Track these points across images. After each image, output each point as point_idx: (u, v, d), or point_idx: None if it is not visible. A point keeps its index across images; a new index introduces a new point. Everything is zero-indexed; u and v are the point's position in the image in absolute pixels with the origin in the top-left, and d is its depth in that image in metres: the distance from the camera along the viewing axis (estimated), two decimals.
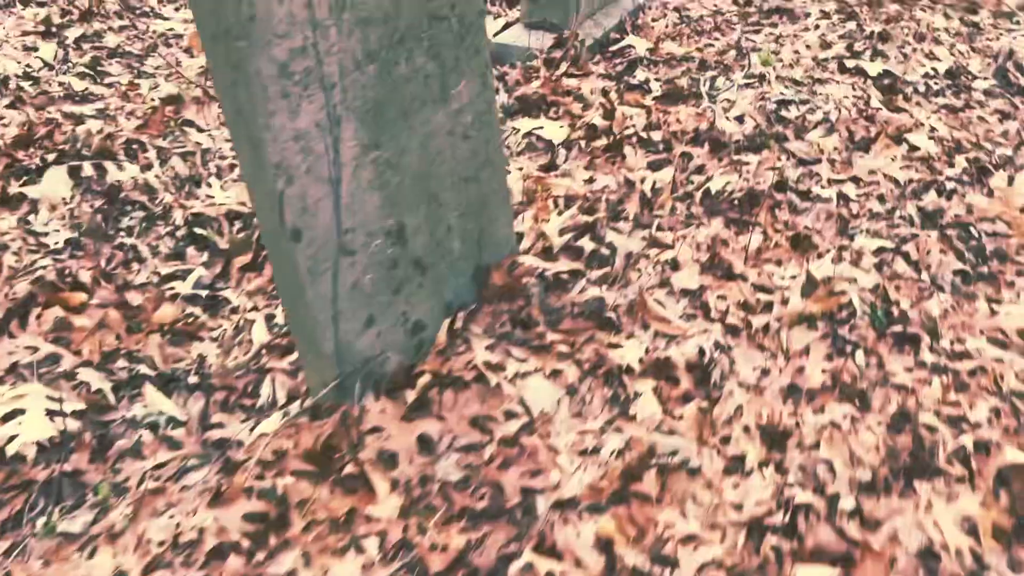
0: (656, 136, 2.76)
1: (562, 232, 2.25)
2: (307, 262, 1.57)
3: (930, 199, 2.49)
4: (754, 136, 2.74)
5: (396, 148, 1.71)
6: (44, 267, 2.13)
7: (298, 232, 1.53)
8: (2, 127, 2.72)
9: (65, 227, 2.32)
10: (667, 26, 3.68)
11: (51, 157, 2.56)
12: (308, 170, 1.52)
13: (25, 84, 3.11)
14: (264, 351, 1.91)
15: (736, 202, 2.44)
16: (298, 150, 1.48)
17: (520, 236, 2.26)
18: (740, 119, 2.84)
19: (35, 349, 1.88)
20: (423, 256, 1.86)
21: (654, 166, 2.63)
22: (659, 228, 2.34)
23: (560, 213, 2.35)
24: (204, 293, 2.11)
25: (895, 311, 2.06)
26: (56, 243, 2.25)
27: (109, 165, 2.57)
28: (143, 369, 1.87)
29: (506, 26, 3.61)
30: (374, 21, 1.58)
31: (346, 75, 1.55)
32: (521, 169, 2.66)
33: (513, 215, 2.32)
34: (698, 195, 2.45)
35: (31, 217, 2.35)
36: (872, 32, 3.56)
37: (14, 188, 2.44)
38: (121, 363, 1.89)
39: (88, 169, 2.55)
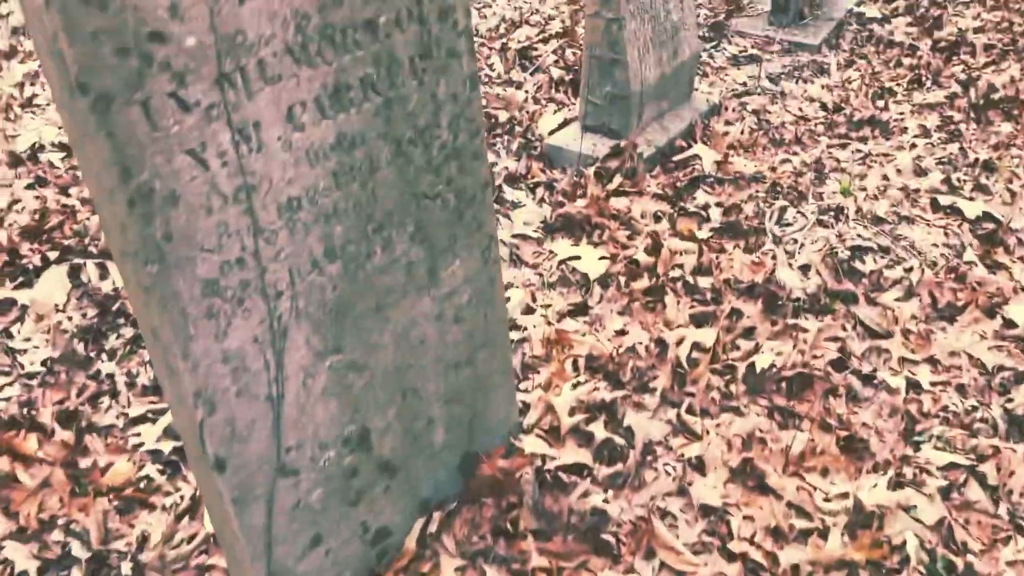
0: (705, 282, 2.45)
1: (574, 411, 1.97)
2: (233, 492, 1.34)
3: (1022, 398, 2.11)
4: (818, 294, 2.40)
5: (363, 348, 1.47)
6: (8, 399, 1.97)
7: (222, 462, 1.30)
8: (15, 213, 2.61)
9: (47, 344, 2.17)
10: (742, 133, 3.36)
11: (54, 255, 2.43)
12: (239, 392, 1.29)
13: (57, 157, 3.01)
14: (212, 542, 1.69)
15: (785, 384, 2.11)
16: (226, 372, 1.26)
17: (526, 407, 1.99)
18: (805, 270, 2.51)
19: None
20: (393, 458, 1.61)
21: (697, 320, 2.33)
22: (689, 410, 2.03)
23: (578, 379, 2.07)
24: (170, 447, 1.92)
25: (959, 562, 1.70)
26: (32, 363, 2.10)
27: (112, 267, 2.42)
28: (75, 547, 1.68)
29: (565, 123, 3.36)
30: (341, 214, 1.35)
31: (299, 280, 1.32)
32: (549, 307, 2.40)
33: (516, 387, 2.06)
34: (741, 368, 2.13)
35: (15, 328, 2.21)
36: (976, 159, 3.16)
37: (6, 291, 2.31)
38: (56, 535, 1.70)
39: (91, 269, 2.41)
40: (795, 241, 2.65)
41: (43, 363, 2.10)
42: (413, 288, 1.53)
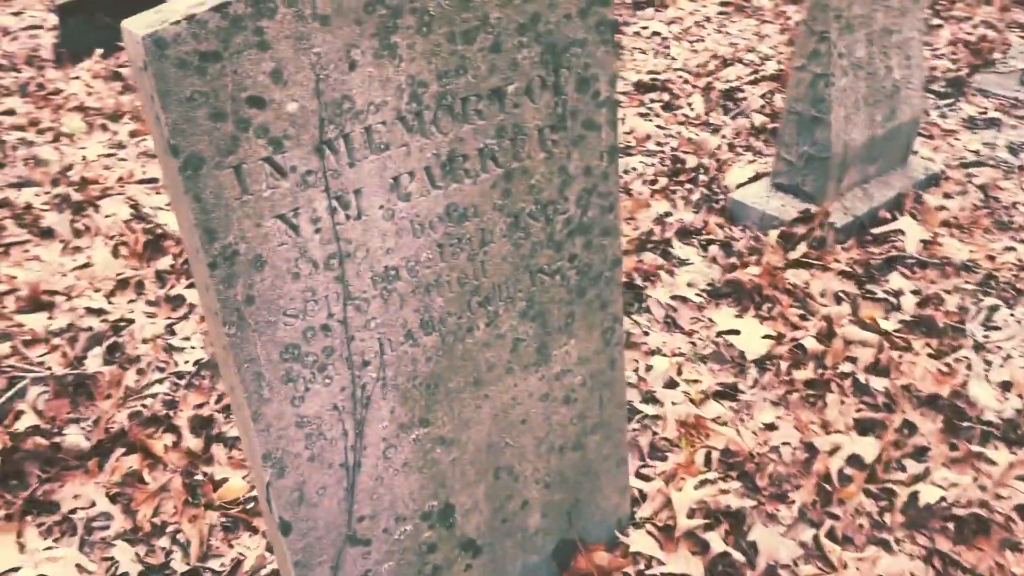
0: (879, 383, 2.16)
1: (694, 512, 1.79)
2: (297, 555, 1.31)
3: None
4: (1017, 421, 2.04)
5: (455, 423, 1.39)
6: (154, 396, 2.09)
7: (287, 525, 1.27)
8: None
9: (202, 345, 2.29)
10: (961, 210, 2.96)
11: None
12: (312, 458, 1.25)
13: None
14: None
15: (953, 524, 1.80)
16: (300, 437, 1.23)
17: (642, 496, 1.83)
18: (1005, 387, 2.14)
19: (92, 504, 1.82)
20: (477, 537, 1.52)
21: (861, 427, 2.05)
22: (830, 534, 1.79)
23: (706, 475, 1.88)
24: None
25: None
26: (185, 363, 2.22)
27: None
28: (176, 558, 1.73)
29: (755, 178, 3.12)
30: (443, 286, 1.28)
31: (390, 350, 1.26)
32: (695, 383, 2.21)
33: (635, 472, 1.90)
34: (903, 496, 1.85)
35: (179, 326, 2.35)
36: None
37: (181, 287, 2.46)
38: (163, 542, 1.77)
39: None
40: (1000, 350, 2.28)
41: (195, 364, 2.22)
42: (519, 365, 1.43)
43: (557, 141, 1.30)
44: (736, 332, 2.38)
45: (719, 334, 2.40)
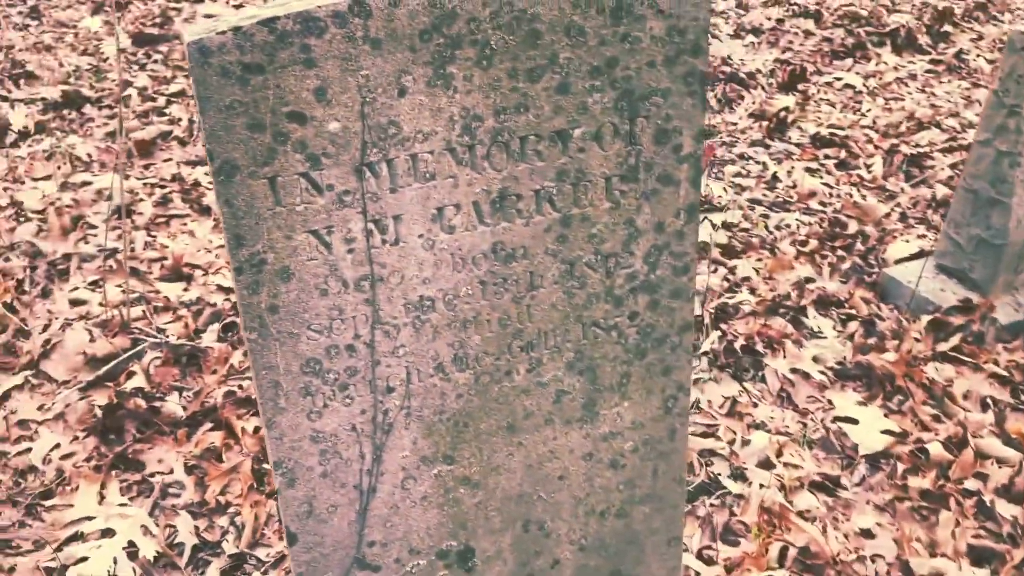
0: (1009, 510, 1.88)
1: None
2: (301, 567, 1.31)
3: None
4: None
5: (482, 466, 1.34)
6: (251, 379, 2.19)
7: (294, 536, 1.28)
8: None
9: None
10: None
11: None
12: (325, 474, 1.25)
13: None
14: None
15: None
16: (314, 452, 1.22)
17: None
18: None
19: (171, 471, 1.92)
20: None
21: (975, 556, 1.80)
22: None
23: (774, 574, 1.71)
24: None
25: None
26: None
27: None
28: (229, 540, 1.79)
29: (919, 255, 2.83)
30: (482, 324, 1.24)
31: (417, 380, 1.24)
32: (794, 468, 2.03)
33: (682, 555, 1.76)
34: None
35: None
36: None
37: None
38: (222, 521, 1.84)
39: None
40: None
41: None
42: (560, 418, 1.36)
43: (626, 192, 1.23)
44: (854, 421, 2.16)
45: (835, 419, 2.19)
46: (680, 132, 1.21)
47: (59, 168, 3.18)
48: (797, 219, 3.17)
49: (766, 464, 2.05)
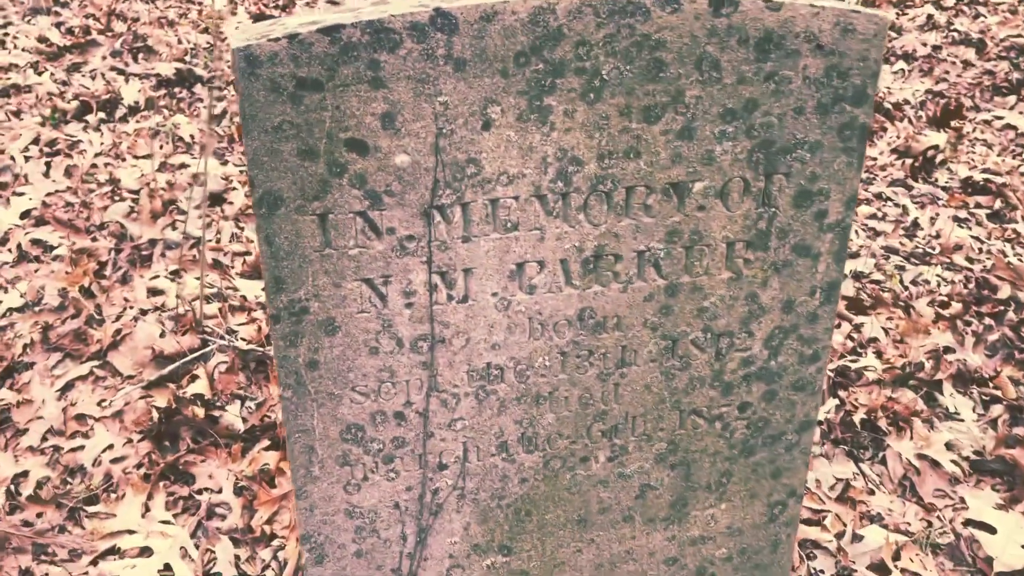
0: None
1: None
2: None
3: None
4: None
5: (543, 561, 1.14)
6: None
7: None
8: None
9: None
10: None
11: None
12: (359, 554, 1.07)
13: None
14: None
15: None
16: (348, 527, 1.05)
17: None
18: None
19: (220, 490, 1.80)
20: None
21: None
22: None
23: None
24: None
25: None
26: None
27: None
28: (268, 575, 1.65)
29: None
30: (558, 401, 1.04)
31: (475, 458, 1.05)
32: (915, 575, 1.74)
33: None
34: None
35: None
36: None
37: None
38: (265, 554, 1.71)
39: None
40: None
41: None
42: (642, 516, 1.14)
43: (751, 261, 1.00)
44: (990, 529, 1.84)
45: (966, 523, 1.88)
46: (827, 195, 0.98)
47: (160, 147, 3.15)
48: (938, 275, 2.82)
49: (880, 568, 1.76)
